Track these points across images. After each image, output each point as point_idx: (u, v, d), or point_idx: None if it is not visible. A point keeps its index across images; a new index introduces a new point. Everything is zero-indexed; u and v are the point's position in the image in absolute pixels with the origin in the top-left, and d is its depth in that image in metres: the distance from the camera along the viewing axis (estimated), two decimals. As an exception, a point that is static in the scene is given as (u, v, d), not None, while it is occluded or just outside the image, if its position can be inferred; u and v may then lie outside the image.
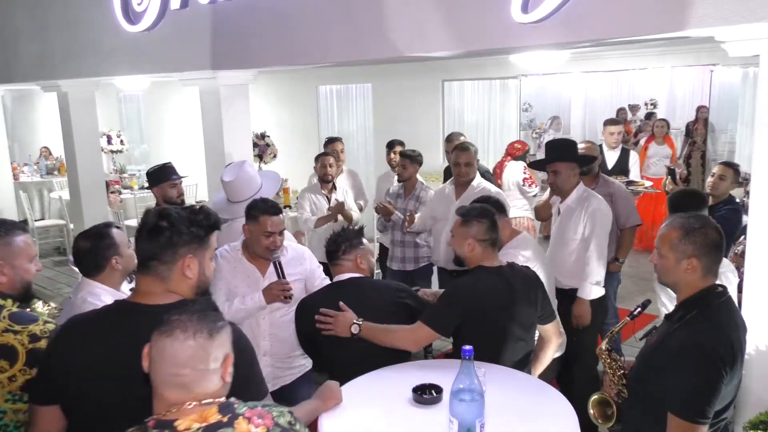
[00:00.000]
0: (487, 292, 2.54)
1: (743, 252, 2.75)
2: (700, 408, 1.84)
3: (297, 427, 1.47)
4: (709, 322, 1.93)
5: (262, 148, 8.08)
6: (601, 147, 5.49)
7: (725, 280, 2.80)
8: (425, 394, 2.26)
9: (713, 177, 4.13)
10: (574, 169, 3.60)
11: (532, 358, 2.75)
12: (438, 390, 2.25)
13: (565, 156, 3.64)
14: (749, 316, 2.40)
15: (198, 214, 1.76)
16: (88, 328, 1.75)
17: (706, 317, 1.93)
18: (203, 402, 1.37)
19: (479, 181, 4.27)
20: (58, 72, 5.86)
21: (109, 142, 10.12)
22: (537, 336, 2.80)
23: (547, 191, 3.99)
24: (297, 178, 6.02)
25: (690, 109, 9.00)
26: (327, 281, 3.05)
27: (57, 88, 6.10)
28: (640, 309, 2.27)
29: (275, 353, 3.04)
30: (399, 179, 4.88)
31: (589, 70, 8.92)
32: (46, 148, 10.67)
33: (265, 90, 9.66)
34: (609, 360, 2.28)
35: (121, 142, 10.39)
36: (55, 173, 10.05)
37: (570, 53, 6.43)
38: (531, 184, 5.65)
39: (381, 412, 2.24)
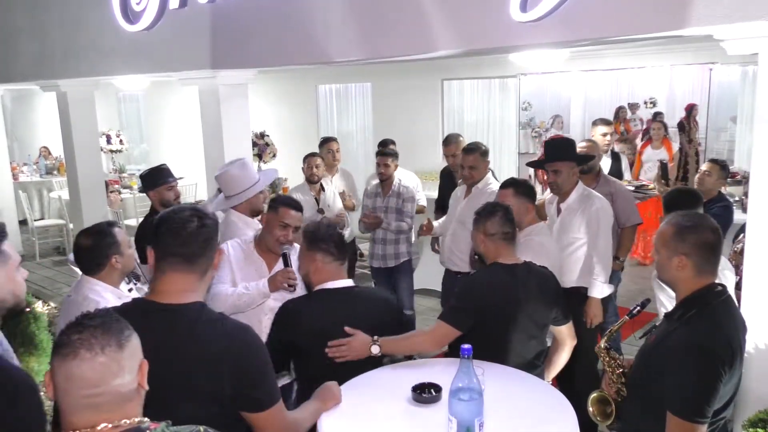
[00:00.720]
0: (500, 287, 2.56)
1: (743, 249, 2.75)
2: (699, 407, 1.84)
3: None
4: (709, 321, 1.92)
5: (261, 147, 8.08)
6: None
7: (723, 278, 2.80)
8: (424, 393, 2.26)
9: (700, 173, 4.25)
10: (573, 168, 3.60)
11: (545, 359, 2.76)
12: (437, 389, 2.26)
13: (566, 155, 3.63)
14: (748, 314, 2.40)
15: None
16: None
17: (705, 316, 1.93)
18: (114, 424, 1.25)
19: (487, 182, 4.18)
20: (57, 72, 5.87)
21: (109, 141, 10.12)
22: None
23: (547, 191, 3.98)
24: (296, 177, 6.02)
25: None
26: None
27: (56, 87, 6.10)
28: (639, 308, 2.27)
29: None
30: (382, 178, 4.80)
31: (588, 68, 8.92)
32: (45, 147, 10.67)
33: (265, 89, 9.66)
34: (608, 358, 2.28)
35: (121, 141, 10.40)
36: (55, 173, 10.05)
37: (569, 52, 6.44)
38: None
39: (380, 411, 2.24)
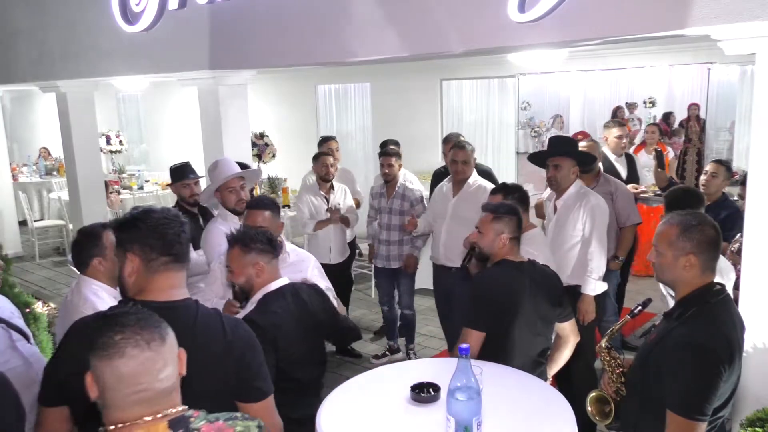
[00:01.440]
0: (512, 284, 2.58)
1: (740, 249, 2.76)
2: (698, 406, 1.85)
3: None
4: (708, 320, 1.93)
5: (261, 147, 8.09)
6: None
7: (725, 278, 2.81)
8: (423, 392, 2.27)
9: (706, 175, 4.17)
10: (573, 166, 3.61)
11: (548, 355, 2.78)
12: (436, 388, 2.26)
13: (568, 151, 3.64)
14: (746, 313, 2.40)
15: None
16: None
17: (704, 315, 1.94)
18: (159, 416, 1.27)
19: (475, 179, 4.29)
20: (56, 72, 5.87)
21: (108, 142, 10.14)
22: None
23: (547, 190, 3.99)
24: (296, 177, 6.04)
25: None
26: (327, 291, 2.87)
27: (56, 88, 6.11)
28: (640, 308, 2.27)
29: None
30: (386, 179, 4.79)
31: (587, 68, 8.93)
32: (45, 148, 10.68)
33: (264, 90, 9.66)
34: (608, 358, 2.28)
35: (120, 142, 10.41)
36: (54, 174, 10.05)
37: (568, 52, 6.44)
38: None
39: (379, 410, 2.25)
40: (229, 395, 1.76)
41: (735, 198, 5.82)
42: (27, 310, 3.31)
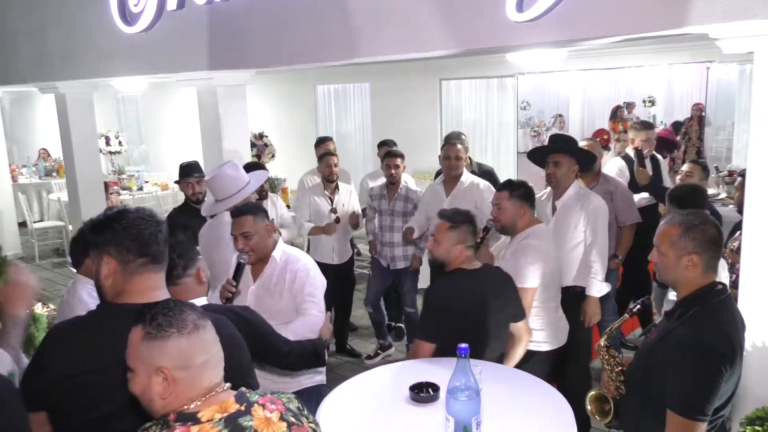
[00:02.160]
0: (468, 293, 2.60)
1: (739, 248, 2.76)
2: (699, 405, 1.85)
3: (305, 412, 1.51)
4: (709, 319, 1.93)
5: (260, 148, 8.10)
6: (626, 156, 4.88)
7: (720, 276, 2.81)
8: (422, 392, 2.27)
9: (681, 174, 4.22)
10: (574, 165, 3.59)
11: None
12: (435, 388, 2.27)
13: (569, 149, 3.63)
14: (746, 313, 2.40)
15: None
16: (77, 333, 1.70)
17: (706, 315, 1.94)
18: (218, 391, 1.41)
19: (467, 176, 4.30)
20: (55, 73, 5.87)
21: (108, 143, 10.14)
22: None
23: (545, 190, 3.98)
24: (295, 177, 6.04)
25: (688, 106, 9.00)
26: (314, 304, 2.75)
27: (55, 89, 6.10)
28: (639, 306, 2.28)
29: None
30: (391, 181, 4.78)
31: (586, 67, 8.93)
32: (44, 149, 10.68)
33: (263, 90, 9.66)
34: (607, 356, 2.28)
35: (120, 143, 10.41)
36: (54, 175, 10.05)
37: (567, 51, 6.44)
38: None
39: (378, 410, 2.25)
40: None
41: (722, 196, 5.80)
42: (27, 311, 3.31)
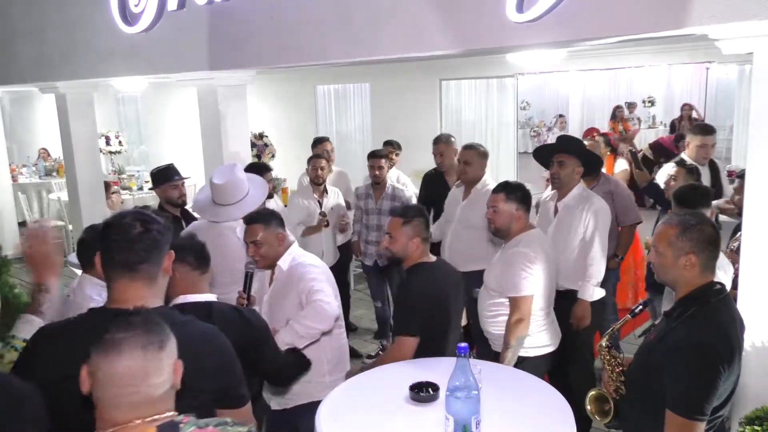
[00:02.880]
0: (436, 286, 2.64)
1: (739, 248, 2.76)
2: (698, 405, 1.85)
3: None
4: (708, 319, 1.93)
5: (260, 148, 8.10)
6: (683, 162, 4.55)
7: (721, 276, 2.81)
8: (422, 392, 2.27)
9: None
10: (578, 166, 3.57)
11: None
12: (435, 388, 2.27)
13: (575, 150, 3.61)
14: (745, 312, 2.40)
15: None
16: (66, 335, 1.69)
17: (705, 314, 1.94)
18: (145, 420, 1.29)
19: (485, 183, 4.16)
20: (55, 73, 5.87)
21: (108, 143, 10.14)
22: None
23: (547, 190, 3.98)
24: (295, 177, 6.05)
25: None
26: (320, 292, 2.73)
27: (55, 89, 6.10)
28: (641, 307, 2.28)
29: None
30: (375, 181, 4.78)
31: (586, 68, 8.93)
32: (44, 149, 10.68)
33: (263, 90, 9.66)
34: (608, 357, 2.28)
35: (120, 143, 10.42)
36: (54, 174, 10.05)
37: (566, 51, 6.44)
38: None
39: (378, 410, 2.25)
40: (210, 402, 1.71)
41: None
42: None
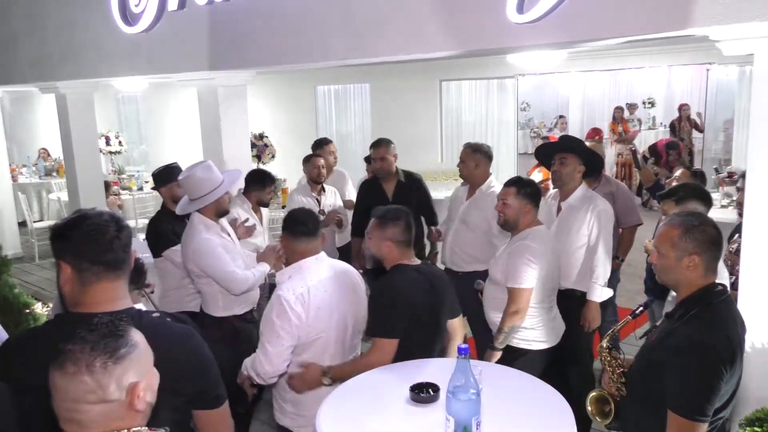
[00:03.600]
0: (416, 288, 2.62)
1: (738, 249, 2.76)
2: (700, 406, 1.85)
3: None
4: (710, 320, 1.93)
5: (260, 148, 8.10)
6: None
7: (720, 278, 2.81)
8: (422, 392, 2.27)
9: (669, 180, 4.22)
10: (580, 165, 3.55)
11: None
12: (435, 389, 2.27)
13: (577, 149, 3.60)
14: (746, 313, 2.40)
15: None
16: (33, 344, 1.65)
17: (706, 316, 1.94)
18: None
19: (490, 185, 4.13)
20: (56, 73, 5.87)
21: (108, 143, 10.14)
22: None
23: (548, 192, 3.97)
24: (295, 178, 6.05)
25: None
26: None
27: (55, 89, 6.11)
28: (642, 308, 2.27)
29: None
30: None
31: (587, 69, 8.94)
32: (44, 149, 10.68)
33: (263, 90, 9.67)
34: (609, 358, 2.28)
35: (120, 143, 10.42)
36: (54, 174, 10.06)
37: (567, 52, 6.45)
38: None
39: (378, 411, 2.25)
40: (183, 404, 1.66)
41: (733, 199, 5.80)
42: (27, 311, 3.32)
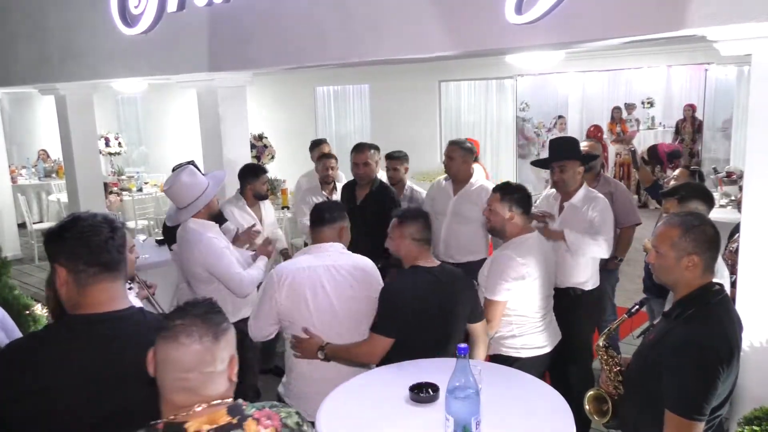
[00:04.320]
0: (426, 290, 2.62)
1: (738, 249, 2.77)
2: (697, 405, 1.86)
3: (304, 428, 1.46)
4: (707, 319, 1.94)
5: (260, 149, 8.11)
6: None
7: (720, 277, 2.81)
8: (422, 392, 2.28)
9: (667, 179, 4.29)
10: (579, 167, 3.59)
11: None
12: (435, 389, 2.27)
13: (571, 153, 3.63)
14: (743, 313, 2.41)
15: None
16: (35, 348, 1.64)
17: (703, 315, 1.94)
18: (212, 404, 1.36)
19: (477, 179, 4.28)
20: (55, 75, 5.88)
21: (107, 144, 10.14)
22: None
23: (546, 189, 3.99)
24: (294, 179, 6.07)
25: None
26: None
27: (55, 90, 6.11)
28: (638, 307, 2.29)
29: None
30: (391, 182, 4.77)
31: (585, 69, 8.95)
32: (44, 150, 10.69)
33: (263, 91, 9.68)
34: (606, 357, 2.29)
35: (119, 144, 10.41)
36: (53, 176, 10.06)
37: (565, 53, 6.46)
38: None
39: (378, 411, 2.26)
40: None
41: (732, 198, 5.83)
42: (26, 312, 3.32)
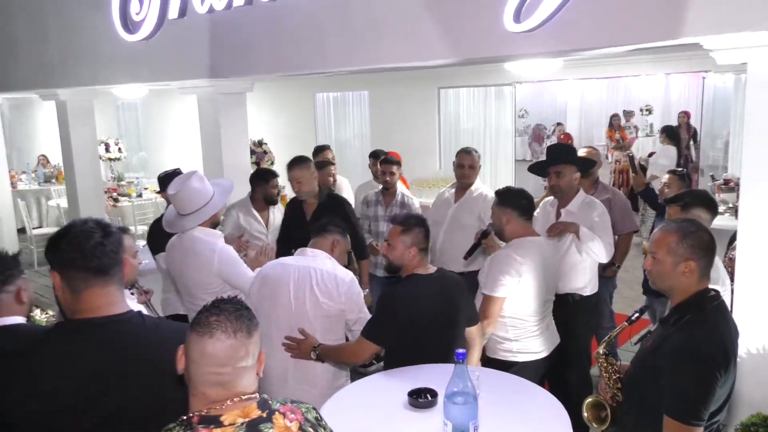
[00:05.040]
0: (425, 299, 2.61)
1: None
2: (695, 410, 1.86)
3: (323, 422, 1.53)
4: (704, 325, 1.95)
5: (259, 155, 8.14)
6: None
7: (722, 285, 2.81)
8: (420, 398, 2.29)
9: (660, 185, 4.26)
10: (575, 173, 3.61)
11: None
12: (433, 394, 2.28)
13: (568, 158, 3.65)
14: (740, 319, 2.42)
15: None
16: (36, 352, 1.66)
17: (700, 321, 1.95)
18: (243, 398, 1.40)
19: (478, 186, 4.31)
20: (56, 80, 5.90)
21: (107, 149, 10.16)
22: None
23: (544, 196, 4.00)
24: (294, 185, 6.11)
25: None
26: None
27: (55, 96, 6.13)
28: (638, 314, 2.29)
29: None
30: (386, 186, 4.78)
31: (584, 76, 8.98)
32: (44, 156, 10.69)
33: (263, 98, 9.71)
34: (606, 364, 2.29)
35: (119, 149, 10.43)
36: (53, 181, 10.06)
37: (564, 60, 6.49)
38: None
39: (377, 416, 2.27)
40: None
41: (730, 206, 5.85)
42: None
